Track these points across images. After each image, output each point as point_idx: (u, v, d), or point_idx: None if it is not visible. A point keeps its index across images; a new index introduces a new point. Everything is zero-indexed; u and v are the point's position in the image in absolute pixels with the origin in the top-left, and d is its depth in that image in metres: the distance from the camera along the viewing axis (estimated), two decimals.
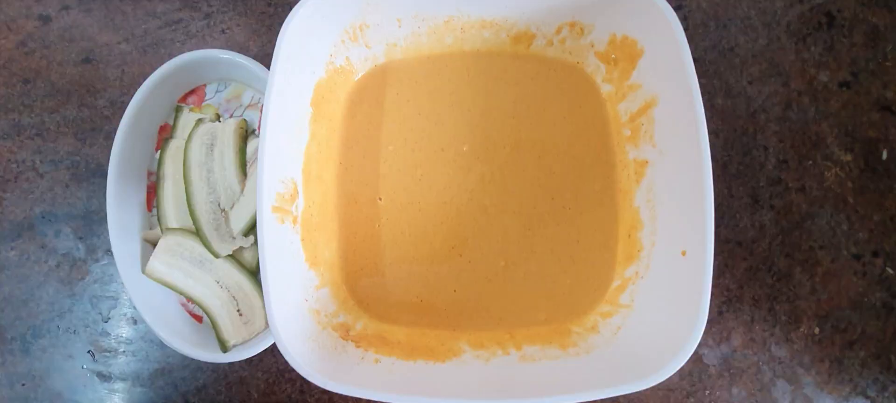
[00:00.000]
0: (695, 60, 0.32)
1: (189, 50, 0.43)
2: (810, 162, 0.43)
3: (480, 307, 0.37)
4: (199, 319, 0.41)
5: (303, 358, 0.30)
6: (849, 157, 0.43)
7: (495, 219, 0.37)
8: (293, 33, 0.33)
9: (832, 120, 0.43)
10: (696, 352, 0.32)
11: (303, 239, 0.34)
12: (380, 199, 0.38)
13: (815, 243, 0.42)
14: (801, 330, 0.42)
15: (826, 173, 0.43)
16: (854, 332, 0.42)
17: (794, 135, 0.43)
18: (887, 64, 0.43)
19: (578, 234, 0.37)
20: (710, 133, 0.31)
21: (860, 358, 0.41)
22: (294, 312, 0.32)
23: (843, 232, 0.42)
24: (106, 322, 0.43)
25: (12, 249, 0.44)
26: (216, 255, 0.39)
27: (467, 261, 0.37)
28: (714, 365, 0.41)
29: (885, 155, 0.43)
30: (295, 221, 0.34)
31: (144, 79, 0.40)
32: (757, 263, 0.42)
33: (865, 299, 0.42)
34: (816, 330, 0.42)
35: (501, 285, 0.37)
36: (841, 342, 0.41)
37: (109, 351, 0.43)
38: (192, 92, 0.43)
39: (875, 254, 0.42)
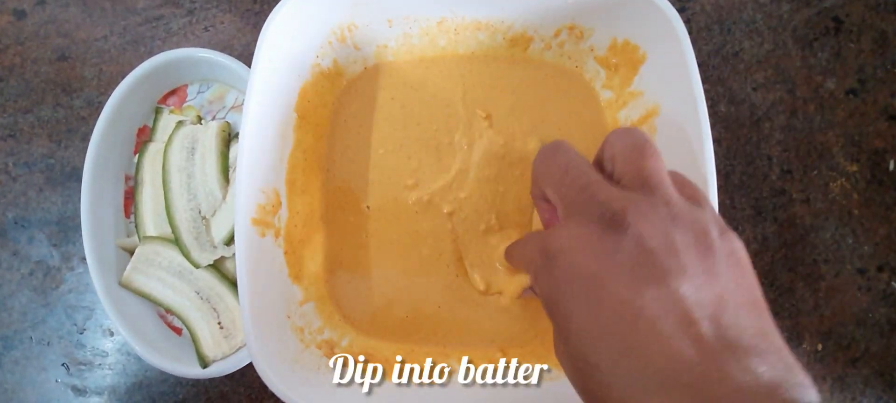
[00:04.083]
0: (698, 65, 0.30)
1: (170, 48, 0.41)
2: (815, 172, 0.41)
3: (471, 322, 0.35)
4: (178, 331, 0.39)
5: (284, 382, 0.28)
6: (855, 168, 0.41)
7: (487, 230, 0.36)
8: (275, 34, 0.31)
9: (838, 129, 0.42)
10: None
11: (286, 253, 0.32)
12: (367, 208, 0.36)
13: (819, 257, 0.41)
14: (804, 346, 0.40)
15: (831, 184, 0.41)
16: (857, 349, 0.40)
17: (798, 144, 0.41)
18: None
19: None
20: (712, 141, 0.30)
21: (863, 376, 0.40)
22: (275, 331, 0.30)
23: (847, 245, 0.41)
24: (81, 333, 0.41)
25: None
26: (196, 265, 0.37)
27: (456, 275, 0.36)
28: None
29: (892, 165, 0.41)
30: (277, 234, 0.32)
31: (123, 79, 0.39)
32: (759, 277, 0.40)
33: (869, 315, 0.40)
34: (819, 347, 0.40)
35: (494, 299, 0.35)
36: (844, 359, 0.40)
37: (85, 364, 0.41)
38: (172, 92, 0.42)
39: (880, 269, 0.41)
